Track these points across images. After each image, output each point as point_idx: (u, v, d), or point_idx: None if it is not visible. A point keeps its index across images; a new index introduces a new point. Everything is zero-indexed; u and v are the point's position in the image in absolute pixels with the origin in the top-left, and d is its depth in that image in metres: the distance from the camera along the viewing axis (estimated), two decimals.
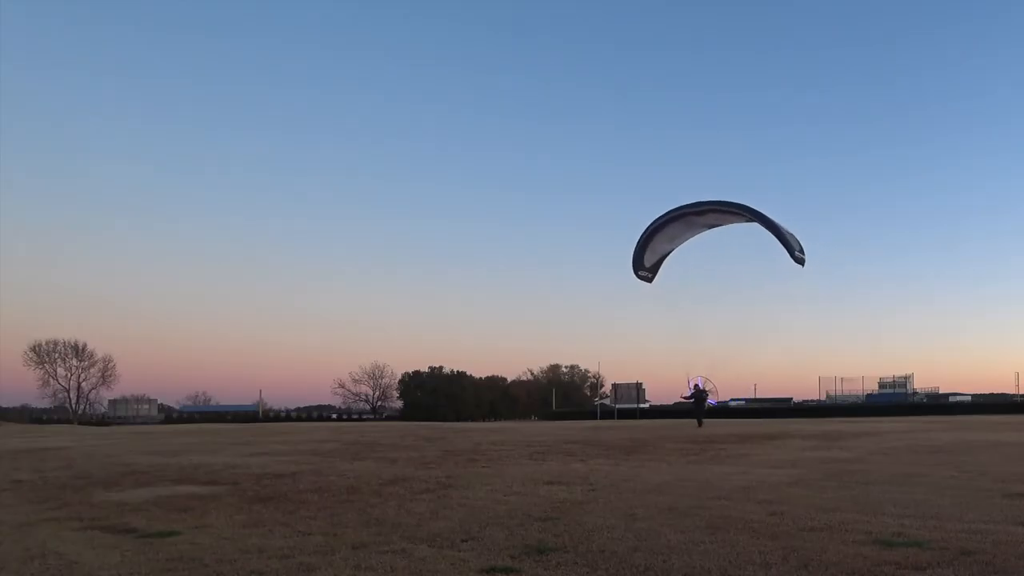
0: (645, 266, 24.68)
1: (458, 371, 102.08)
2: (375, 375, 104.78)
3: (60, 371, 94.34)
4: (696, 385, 31.16)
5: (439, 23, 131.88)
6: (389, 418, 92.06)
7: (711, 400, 32.14)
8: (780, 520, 7.26)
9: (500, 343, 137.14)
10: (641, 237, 24.35)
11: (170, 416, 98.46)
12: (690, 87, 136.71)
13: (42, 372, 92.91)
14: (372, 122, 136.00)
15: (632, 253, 24.59)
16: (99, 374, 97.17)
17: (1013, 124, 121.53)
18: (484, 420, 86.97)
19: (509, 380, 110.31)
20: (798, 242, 20.85)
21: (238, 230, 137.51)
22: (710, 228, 24.33)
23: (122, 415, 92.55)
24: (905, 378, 74.20)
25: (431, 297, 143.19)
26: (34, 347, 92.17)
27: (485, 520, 7.60)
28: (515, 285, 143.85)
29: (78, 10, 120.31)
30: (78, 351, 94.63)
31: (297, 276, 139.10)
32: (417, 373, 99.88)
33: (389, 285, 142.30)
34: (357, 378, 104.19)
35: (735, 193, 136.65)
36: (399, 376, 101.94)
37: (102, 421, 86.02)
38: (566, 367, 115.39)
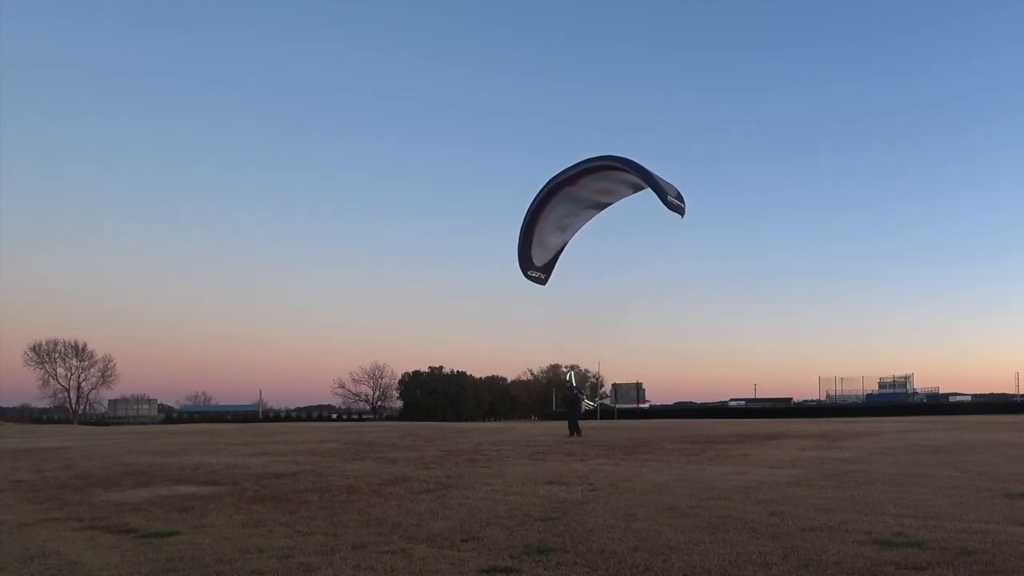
0: (535, 265, 20.78)
1: (458, 371, 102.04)
2: (375, 375, 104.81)
3: (60, 371, 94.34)
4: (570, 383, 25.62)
5: (436, 23, 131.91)
6: (389, 418, 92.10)
7: (589, 401, 26.53)
8: (780, 520, 7.25)
9: (500, 343, 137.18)
10: (523, 225, 20.29)
11: (170, 416, 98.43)
12: (689, 86, 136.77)
13: (42, 372, 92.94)
14: (372, 122, 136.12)
15: (517, 247, 20.44)
16: (99, 374, 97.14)
17: (1014, 123, 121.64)
18: (484, 420, 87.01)
19: (509, 380, 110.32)
20: (676, 191, 18.30)
21: (238, 230, 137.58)
22: (599, 208, 20.79)
23: (122, 415, 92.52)
24: (905, 378, 74.23)
25: (431, 297, 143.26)
26: (34, 347, 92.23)
27: (485, 520, 7.59)
28: (515, 285, 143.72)
29: (78, 10, 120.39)
30: (78, 351, 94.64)
31: (297, 276, 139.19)
32: (417, 373, 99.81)
33: (389, 285, 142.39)
34: (357, 378, 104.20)
35: (741, 194, 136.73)
36: (399, 376, 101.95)
37: (102, 421, 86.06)
38: (566, 367, 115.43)
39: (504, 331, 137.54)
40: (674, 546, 6.13)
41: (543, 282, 21.20)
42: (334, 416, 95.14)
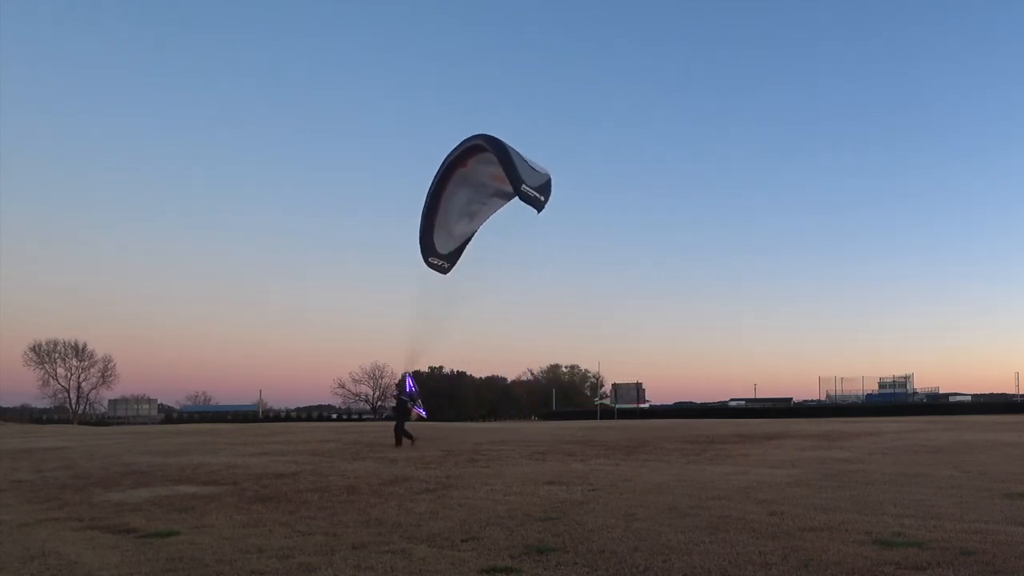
0: (439, 252, 19.10)
1: (458, 371, 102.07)
2: (375, 375, 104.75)
3: (60, 371, 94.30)
4: (407, 385, 22.70)
5: (436, 23, 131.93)
6: (389, 418, 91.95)
7: (419, 408, 22.16)
8: (780, 520, 7.25)
9: (500, 343, 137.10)
10: (423, 207, 18.56)
11: (170, 416, 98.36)
12: (689, 87, 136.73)
13: (42, 372, 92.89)
14: (373, 121, 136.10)
15: (419, 230, 18.72)
16: (99, 374, 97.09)
17: (1014, 123, 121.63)
18: (484, 420, 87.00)
19: (509, 380, 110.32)
20: (543, 182, 15.97)
21: (238, 230, 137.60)
22: (506, 198, 18.40)
23: (122, 415, 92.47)
24: (905, 378, 74.28)
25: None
26: (34, 347, 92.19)
27: (485, 520, 7.59)
28: (515, 285, 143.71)
29: (78, 10, 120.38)
30: (78, 351, 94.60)
31: (297, 276, 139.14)
32: (417, 373, 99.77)
33: (389, 285, 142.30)
34: (357, 378, 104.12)
35: (741, 194, 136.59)
36: (399, 376, 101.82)
37: (102, 421, 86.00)
38: (566, 367, 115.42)
39: (504, 331, 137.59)
40: (674, 546, 6.13)
41: (445, 271, 19.60)
42: (334, 416, 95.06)
